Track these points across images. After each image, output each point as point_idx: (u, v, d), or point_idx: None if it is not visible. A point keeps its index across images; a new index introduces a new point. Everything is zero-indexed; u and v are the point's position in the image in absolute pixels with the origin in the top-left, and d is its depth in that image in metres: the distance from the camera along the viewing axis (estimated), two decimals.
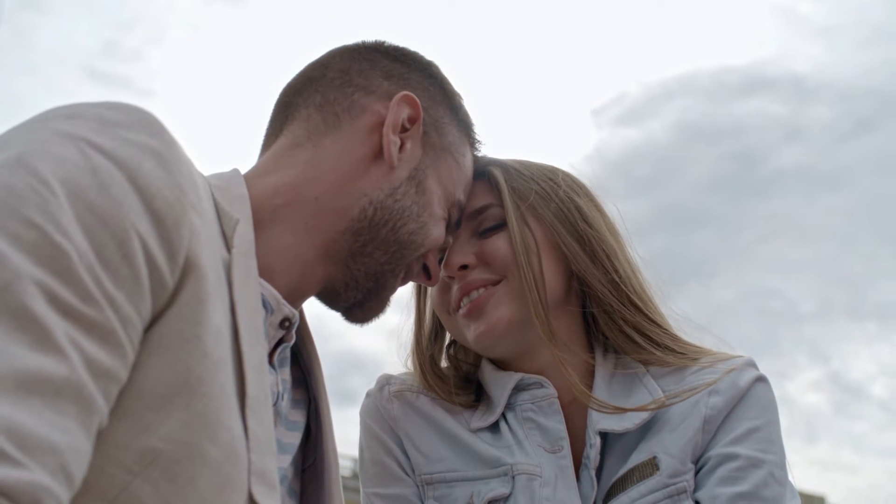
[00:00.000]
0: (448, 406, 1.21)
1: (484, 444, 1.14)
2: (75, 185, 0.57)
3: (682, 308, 1.22)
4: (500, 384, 1.18)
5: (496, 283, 1.14)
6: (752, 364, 1.13)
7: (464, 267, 1.14)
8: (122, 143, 0.62)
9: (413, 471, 1.17)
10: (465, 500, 1.10)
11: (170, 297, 0.62)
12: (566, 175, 1.23)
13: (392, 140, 0.93)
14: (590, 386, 1.16)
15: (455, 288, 1.16)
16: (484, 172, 1.20)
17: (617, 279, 1.14)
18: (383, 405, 1.22)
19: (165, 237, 0.61)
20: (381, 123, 0.94)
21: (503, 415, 1.17)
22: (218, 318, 0.67)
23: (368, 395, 1.26)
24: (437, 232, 1.01)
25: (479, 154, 1.16)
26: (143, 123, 0.66)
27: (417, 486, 1.16)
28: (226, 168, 0.92)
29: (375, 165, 0.94)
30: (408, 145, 0.96)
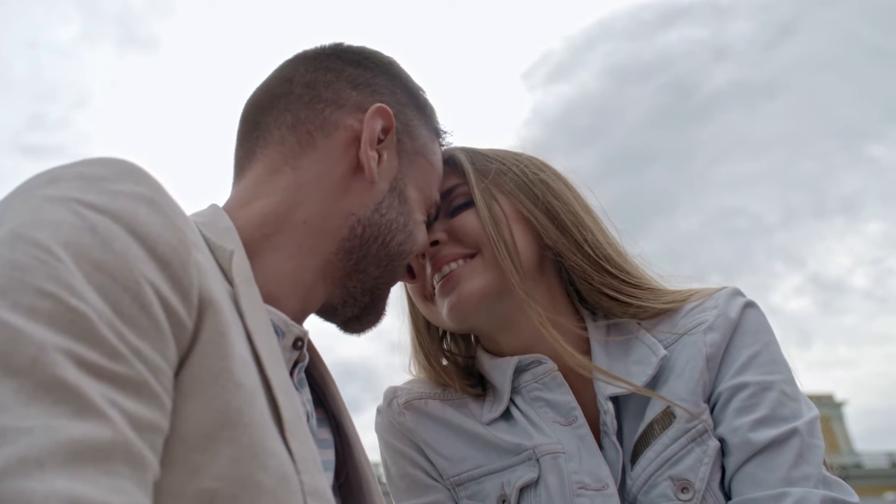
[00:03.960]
0: (457, 405, 1.21)
1: (501, 434, 1.14)
2: (78, 246, 0.56)
3: (650, 249, 1.24)
4: (499, 371, 1.18)
5: (471, 256, 1.14)
6: (737, 293, 1.15)
7: (434, 243, 1.14)
8: (111, 196, 0.62)
9: (441, 476, 1.17)
10: (496, 492, 1.11)
11: (192, 338, 0.62)
12: (531, 157, 1.25)
13: (371, 155, 0.93)
14: (587, 354, 1.16)
15: (428, 270, 1.17)
16: (449, 158, 1.21)
17: (588, 248, 1.15)
18: (396, 419, 1.22)
19: (175, 280, 0.61)
20: (356, 138, 0.94)
21: (511, 400, 1.18)
22: (241, 348, 0.67)
23: (379, 411, 1.26)
24: (422, 237, 1.03)
25: (445, 145, 1.16)
26: (127, 173, 0.65)
27: (448, 490, 1.16)
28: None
29: (356, 181, 0.94)
30: (384, 157, 0.96)
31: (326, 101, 0.95)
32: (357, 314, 0.99)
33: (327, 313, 0.99)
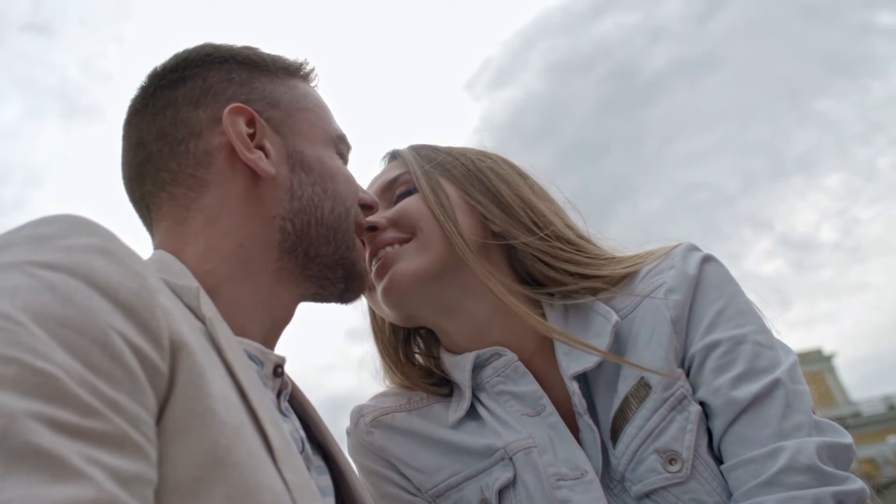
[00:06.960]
0: (423, 413, 1.19)
1: (470, 437, 1.12)
2: (38, 307, 0.55)
3: (618, 233, 1.23)
4: (458, 368, 1.15)
5: (406, 241, 1.13)
6: (692, 248, 1.11)
7: (373, 229, 1.13)
8: (65, 252, 0.60)
9: (419, 490, 1.15)
10: (477, 497, 1.08)
11: (169, 382, 0.61)
12: (482, 150, 1.24)
13: (254, 157, 0.90)
14: (547, 340, 1.13)
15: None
16: (394, 154, 1.24)
17: (538, 230, 1.12)
18: (364, 439, 1.19)
19: (143, 326, 0.60)
20: (232, 150, 0.91)
21: (478, 398, 1.15)
22: (220, 385, 0.66)
23: (348, 433, 1.24)
24: (345, 186, 0.98)
25: (310, 73, 1.05)
26: (77, 227, 0.64)
27: (429, 503, 1.14)
28: None
29: (259, 186, 0.91)
30: (266, 145, 0.93)
31: (184, 138, 0.92)
32: (343, 286, 0.98)
33: (319, 299, 0.99)
